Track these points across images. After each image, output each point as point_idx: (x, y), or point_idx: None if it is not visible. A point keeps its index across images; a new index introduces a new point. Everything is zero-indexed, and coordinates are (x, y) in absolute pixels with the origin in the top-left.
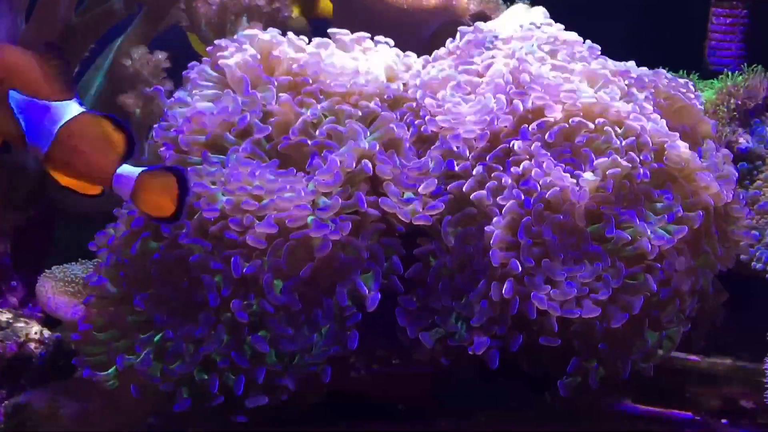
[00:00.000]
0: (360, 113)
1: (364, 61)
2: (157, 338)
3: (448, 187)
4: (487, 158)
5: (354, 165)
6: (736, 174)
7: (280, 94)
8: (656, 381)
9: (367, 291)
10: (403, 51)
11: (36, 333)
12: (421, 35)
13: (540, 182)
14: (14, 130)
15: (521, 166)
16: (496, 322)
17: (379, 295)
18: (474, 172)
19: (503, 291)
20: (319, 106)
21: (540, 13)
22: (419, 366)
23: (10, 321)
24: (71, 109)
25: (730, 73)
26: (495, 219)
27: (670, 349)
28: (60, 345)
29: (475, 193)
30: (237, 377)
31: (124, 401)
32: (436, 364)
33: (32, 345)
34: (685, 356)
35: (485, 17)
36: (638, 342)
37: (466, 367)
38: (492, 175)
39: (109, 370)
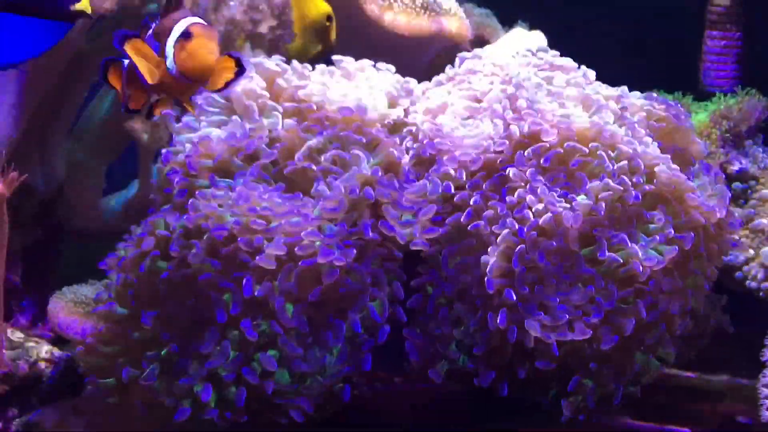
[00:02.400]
0: (363, 140)
1: (366, 87)
2: (163, 352)
3: (446, 221)
4: (484, 186)
5: (358, 192)
6: (729, 192)
7: (286, 120)
8: (653, 398)
9: (381, 320)
10: (404, 76)
11: (46, 352)
12: (421, 60)
13: (533, 209)
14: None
15: (516, 194)
16: (498, 352)
17: (389, 328)
18: (471, 202)
19: (498, 321)
20: (324, 133)
21: (538, 37)
22: (420, 385)
23: (22, 341)
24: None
25: (723, 96)
26: (490, 248)
27: (658, 369)
28: (69, 364)
29: (472, 224)
30: (239, 389)
31: (132, 419)
32: (437, 385)
33: (43, 364)
34: (681, 373)
35: (484, 41)
36: (628, 364)
37: (466, 387)
38: (488, 204)
39: (110, 379)
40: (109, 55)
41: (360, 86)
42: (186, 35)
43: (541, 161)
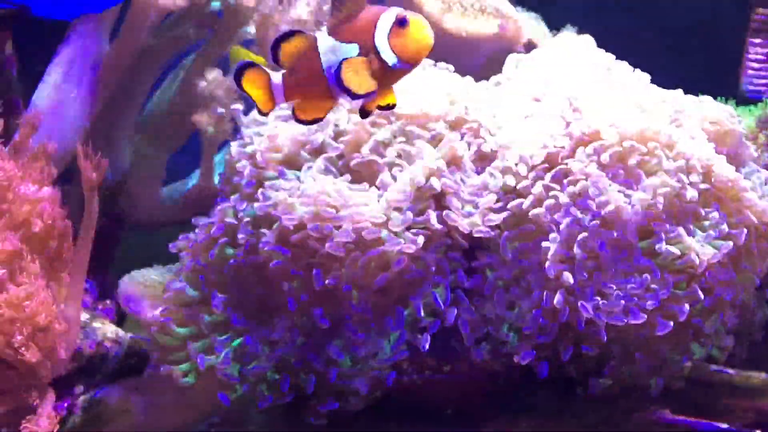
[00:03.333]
0: (428, 135)
1: (429, 85)
2: (236, 342)
3: (508, 205)
4: (546, 178)
5: (423, 182)
6: None
7: (352, 115)
8: (692, 393)
9: (443, 306)
10: (460, 75)
11: (111, 333)
12: (476, 61)
13: (596, 201)
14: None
15: (578, 186)
16: (544, 331)
17: (456, 310)
18: (533, 191)
19: (555, 301)
20: (390, 127)
21: (587, 41)
22: (468, 372)
23: (88, 321)
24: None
25: None
26: (552, 235)
27: (720, 361)
28: (133, 345)
29: (533, 211)
30: (308, 377)
31: (192, 398)
32: (487, 370)
33: (108, 344)
34: (721, 369)
35: (533, 45)
36: (680, 354)
37: (515, 373)
38: (549, 193)
39: (184, 366)
40: (179, 50)
41: (423, 84)
42: (401, 22)
43: (601, 158)
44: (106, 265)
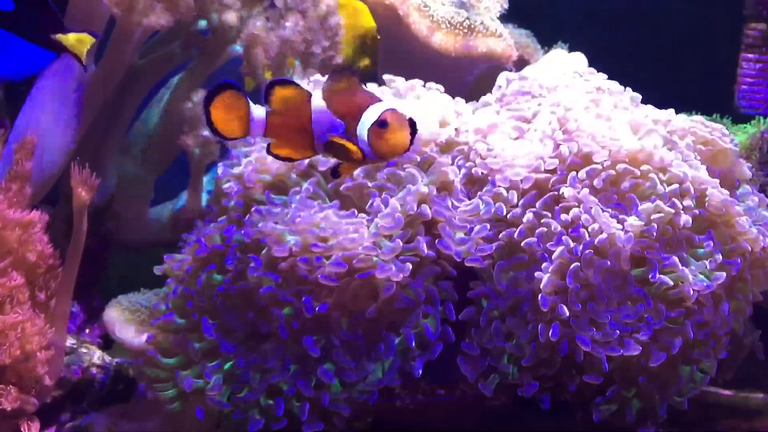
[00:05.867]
0: (418, 158)
1: (418, 106)
2: (227, 366)
3: (500, 235)
4: (537, 205)
5: (414, 208)
6: None
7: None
8: (689, 414)
9: (434, 337)
10: (448, 94)
11: (98, 358)
12: (465, 80)
13: (588, 229)
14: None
15: (570, 213)
16: (545, 364)
17: (442, 345)
18: (525, 219)
19: (550, 335)
20: None
21: (578, 59)
22: (462, 396)
23: (74, 347)
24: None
25: (762, 119)
26: (544, 265)
27: (702, 382)
28: (119, 370)
29: (526, 241)
30: (302, 404)
31: (181, 424)
32: (479, 394)
33: (94, 370)
34: (718, 390)
35: (524, 62)
36: (674, 378)
37: (507, 395)
38: (542, 221)
39: (171, 391)
40: (165, 69)
41: (413, 105)
42: (382, 124)
43: (594, 182)
44: (93, 287)
